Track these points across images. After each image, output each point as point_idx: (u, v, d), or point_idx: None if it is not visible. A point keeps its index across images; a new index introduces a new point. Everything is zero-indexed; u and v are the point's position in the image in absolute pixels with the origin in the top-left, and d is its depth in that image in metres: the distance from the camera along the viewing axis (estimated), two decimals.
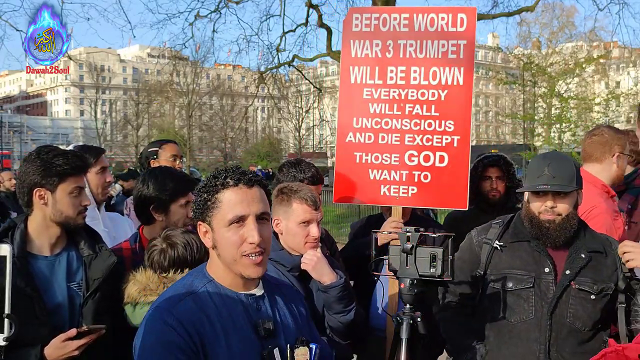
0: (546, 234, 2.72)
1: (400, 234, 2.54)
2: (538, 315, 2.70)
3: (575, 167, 2.76)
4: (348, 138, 3.88)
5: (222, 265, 1.89)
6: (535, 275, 2.73)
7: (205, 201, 1.86)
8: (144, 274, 2.49)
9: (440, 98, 3.74)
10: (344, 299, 2.60)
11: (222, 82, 71.53)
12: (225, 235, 1.84)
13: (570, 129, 27.15)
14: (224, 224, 1.84)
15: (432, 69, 3.77)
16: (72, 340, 2.25)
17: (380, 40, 3.88)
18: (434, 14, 3.82)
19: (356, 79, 3.93)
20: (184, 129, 57.27)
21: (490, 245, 2.84)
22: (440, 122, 3.72)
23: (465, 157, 3.68)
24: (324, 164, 60.87)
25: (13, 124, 68.99)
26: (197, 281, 1.90)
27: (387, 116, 3.81)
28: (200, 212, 1.88)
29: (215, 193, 1.85)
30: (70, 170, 2.40)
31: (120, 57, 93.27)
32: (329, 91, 55.63)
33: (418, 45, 3.81)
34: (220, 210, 1.84)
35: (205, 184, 1.89)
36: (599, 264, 2.74)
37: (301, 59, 21.66)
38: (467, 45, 3.76)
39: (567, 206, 2.71)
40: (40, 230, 2.41)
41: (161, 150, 4.19)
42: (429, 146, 3.71)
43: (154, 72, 65.03)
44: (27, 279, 2.27)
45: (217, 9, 19.80)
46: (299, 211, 2.66)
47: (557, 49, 34.02)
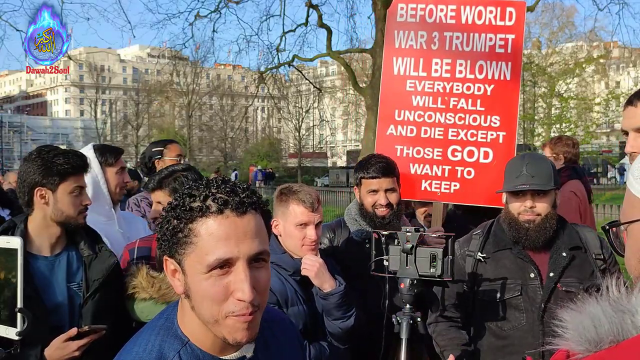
0: (525, 236, 2.69)
1: (400, 234, 2.54)
2: (529, 321, 2.68)
3: (552, 167, 2.75)
4: (389, 130, 3.77)
5: (197, 322, 1.30)
6: (522, 282, 2.70)
7: (175, 231, 1.27)
8: (140, 271, 2.51)
9: (486, 92, 3.65)
10: (344, 306, 2.57)
11: (222, 82, 71.53)
12: (202, 284, 1.25)
13: (570, 129, 27.17)
14: (200, 269, 1.24)
15: (479, 63, 3.68)
16: (72, 340, 2.25)
17: (425, 32, 3.78)
18: (482, 7, 3.72)
19: (399, 70, 3.83)
20: (184, 129, 57.28)
21: (473, 258, 2.80)
22: (485, 117, 3.63)
23: (511, 153, 3.56)
24: (324, 164, 60.91)
25: (13, 124, 68.93)
26: (167, 345, 1.31)
27: (431, 109, 3.71)
28: (166, 244, 1.29)
29: (190, 222, 1.25)
30: (71, 169, 2.40)
31: (120, 57, 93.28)
32: (328, 91, 55.66)
33: (465, 38, 3.72)
34: (196, 248, 1.24)
35: (175, 205, 1.28)
36: (581, 261, 2.72)
37: (301, 59, 21.67)
38: (515, 40, 3.66)
39: (546, 205, 2.69)
40: (41, 230, 2.41)
41: (166, 150, 4.15)
42: (473, 141, 3.62)
43: (154, 72, 65.02)
44: (27, 279, 2.27)
45: (217, 9, 19.81)
46: (296, 213, 2.61)
47: (557, 49, 34.08)
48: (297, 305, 2.57)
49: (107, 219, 3.13)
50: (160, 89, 58.10)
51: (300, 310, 2.57)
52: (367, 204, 3.05)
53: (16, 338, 1.80)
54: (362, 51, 23.34)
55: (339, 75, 59.87)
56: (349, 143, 73.60)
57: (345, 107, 61.94)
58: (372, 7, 19.17)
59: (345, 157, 62.35)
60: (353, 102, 56.49)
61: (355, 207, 3.14)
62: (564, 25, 35.81)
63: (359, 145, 47.98)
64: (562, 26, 35.77)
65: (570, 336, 0.96)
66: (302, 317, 2.56)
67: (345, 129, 72.88)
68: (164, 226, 1.29)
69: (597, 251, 2.73)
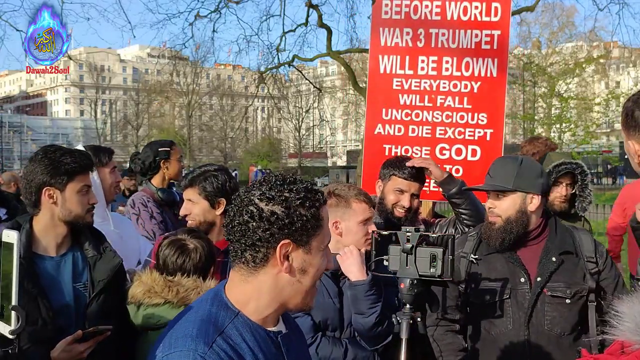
0: (488, 237, 2.71)
1: (400, 234, 2.54)
2: (516, 326, 2.67)
3: (522, 169, 2.67)
4: (377, 130, 3.76)
5: (269, 297, 1.52)
6: (512, 286, 2.69)
7: (308, 218, 1.50)
8: (149, 275, 2.45)
9: (473, 90, 3.63)
10: (367, 300, 2.58)
11: (222, 82, 71.54)
12: (320, 259, 1.55)
13: (570, 129, 27.17)
14: (321, 247, 1.55)
15: (465, 60, 3.66)
16: (78, 342, 2.24)
17: (411, 29, 3.75)
18: (467, 3, 3.69)
19: (385, 68, 3.80)
20: (184, 129, 57.30)
21: (467, 259, 2.80)
22: (473, 115, 3.61)
23: (498, 151, 3.57)
24: (324, 164, 60.89)
25: (13, 124, 68.92)
26: (222, 314, 1.50)
27: (418, 108, 3.69)
28: (293, 230, 1.49)
29: (319, 208, 1.53)
30: (78, 168, 2.40)
31: (120, 57, 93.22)
32: (328, 91, 55.62)
33: (450, 35, 3.69)
34: (323, 230, 1.54)
35: (305, 196, 1.51)
36: (572, 265, 2.68)
37: (301, 59, 21.65)
38: (501, 36, 3.63)
39: (505, 207, 2.66)
40: (47, 230, 2.41)
41: (172, 151, 4.12)
42: (461, 139, 3.61)
43: (154, 72, 64.99)
44: (33, 280, 2.27)
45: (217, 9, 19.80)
46: (360, 210, 2.69)
47: (557, 49, 34.06)
48: (322, 297, 2.60)
49: (102, 220, 3.13)
50: (160, 89, 58.09)
51: (324, 303, 2.62)
52: (389, 200, 3.08)
53: (10, 337, 1.77)
54: (362, 51, 23.32)
55: (339, 75, 59.83)
56: (349, 143, 73.55)
57: (345, 107, 61.92)
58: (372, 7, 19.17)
59: (345, 157, 62.34)
60: (353, 102, 56.47)
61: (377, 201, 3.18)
62: (564, 25, 35.79)
63: (359, 145, 47.96)
64: (562, 26, 35.75)
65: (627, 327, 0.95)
66: (323, 309, 2.60)
67: (345, 129, 72.84)
68: (296, 214, 1.48)
69: (590, 254, 2.70)
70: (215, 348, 1.42)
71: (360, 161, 19.59)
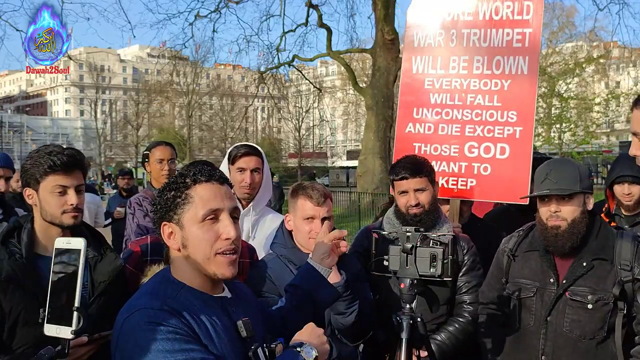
0: (554, 243, 2.70)
1: (400, 234, 2.54)
2: (537, 323, 2.73)
3: (580, 171, 2.72)
4: (408, 129, 3.79)
5: (189, 268, 1.76)
6: (540, 285, 2.75)
7: (174, 198, 1.76)
8: (159, 268, 2.46)
9: (503, 88, 3.63)
10: (346, 300, 2.58)
11: (222, 82, 71.52)
12: (198, 232, 1.73)
13: (570, 129, 27.17)
14: (197, 220, 1.73)
15: (496, 58, 3.66)
16: (81, 347, 2.24)
17: (443, 30, 3.79)
18: (499, 2, 3.70)
19: (418, 68, 3.85)
20: (184, 129, 57.30)
21: (507, 255, 2.89)
22: (502, 113, 3.60)
23: (528, 149, 3.54)
24: (324, 164, 60.95)
25: (13, 124, 68.92)
26: (170, 288, 1.73)
27: (448, 106, 3.71)
28: (165, 211, 1.77)
29: (186, 189, 1.76)
30: (48, 168, 2.33)
31: (120, 57, 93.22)
32: (328, 91, 55.66)
33: (482, 34, 3.71)
34: (192, 206, 1.74)
35: (171, 182, 1.80)
36: (603, 272, 2.67)
37: (301, 59, 21.73)
38: (533, 34, 3.63)
39: (571, 210, 2.68)
40: (42, 230, 2.40)
41: (150, 153, 4.27)
42: (490, 137, 3.59)
43: (154, 72, 65.01)
44: (34, 280, 2.27)
45: (217, 9, 19.84)
46: (304, 207, 2.70)
47: (557, 49, 34.08)
48: None
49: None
50: (160, 89, 58.10)
51: None
52: (401, 204, 3.10)
53: (71, 337, 1.85)
54: (362, 51, 23.37)
55: (339, 75, 59.84)
56: (349, 143, 73.59)
57: (345, 107, 61.96)
58: (372, 7, 19.20)
59: (345, 157, 62.32)
60: (353, 102, 56.50)
61: (393, 208, 3.19)
62: (564, 25, 35.84)
63: (359, 145, 47.96)
64: (562, 26, 35.79)
65: None
66: None
67: (345, 129, 72.89)
68: (162, 198, 1.79)
69: (626, 262, 2.65)
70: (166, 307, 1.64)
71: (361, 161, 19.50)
